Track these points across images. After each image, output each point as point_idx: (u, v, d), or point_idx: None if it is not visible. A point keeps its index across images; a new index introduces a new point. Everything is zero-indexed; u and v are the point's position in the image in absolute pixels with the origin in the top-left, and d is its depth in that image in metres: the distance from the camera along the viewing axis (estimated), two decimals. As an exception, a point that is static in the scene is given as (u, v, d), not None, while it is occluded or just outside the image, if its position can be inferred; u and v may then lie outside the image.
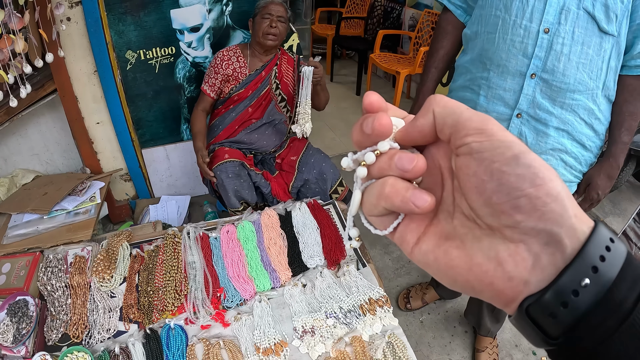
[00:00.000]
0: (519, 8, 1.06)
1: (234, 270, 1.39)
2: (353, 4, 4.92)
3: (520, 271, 0.23)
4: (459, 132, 0.24)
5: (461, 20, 1.31)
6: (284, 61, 1.97)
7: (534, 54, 1.07)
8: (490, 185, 0.23)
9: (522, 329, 0.25)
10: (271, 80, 1.92)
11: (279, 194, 1.81)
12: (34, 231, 1.66)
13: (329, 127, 3.71)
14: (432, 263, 0.27)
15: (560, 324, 0.23)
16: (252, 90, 1.89)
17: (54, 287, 1.34)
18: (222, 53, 1.87)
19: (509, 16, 1.09)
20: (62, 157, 2.16)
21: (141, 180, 2.32)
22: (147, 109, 2.12)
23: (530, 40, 1.07)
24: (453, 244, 0.26)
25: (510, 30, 1.09)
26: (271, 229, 1.53)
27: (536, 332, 0.24)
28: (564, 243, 0.23)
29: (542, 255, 0.23)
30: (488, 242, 0.25)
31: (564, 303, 0.22)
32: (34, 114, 1.92)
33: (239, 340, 1.21)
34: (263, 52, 1.88)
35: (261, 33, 1.79)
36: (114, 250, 1.46)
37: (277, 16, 1.79)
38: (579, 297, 0.22)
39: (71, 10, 1.73)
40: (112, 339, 1.23)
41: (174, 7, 1.91)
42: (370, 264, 1.45)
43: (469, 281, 0.25)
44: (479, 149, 0.24)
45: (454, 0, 1.30)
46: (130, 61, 1.95)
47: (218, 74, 1.86)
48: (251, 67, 1.90)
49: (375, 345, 1.19)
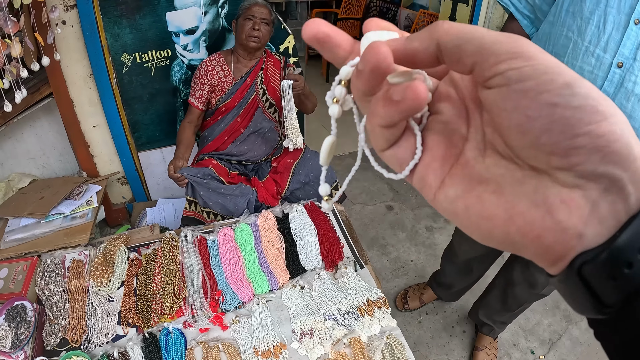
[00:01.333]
0: (594, 34, 0.96)
1: (232, 273, 1.39)
2: (348, 5, 4.92)
3: (574, 221, 0.19)
4: (487, 60, 0.20)
5: (527, 32, 1.22)
6: (270, 64, 1.93)
7: (603, 87, 0.97)
8: (538, 123, 0.19)
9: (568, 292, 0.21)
10: (257, 87, 1.89)
11: (267, 199, 1.78)
12: (31, 236, 1.66)
13: (325, 128, 3.71)
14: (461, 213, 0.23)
15: (620, 289, 0.19)
16: (238, 99, 1.87)
17: (52, 292, 1.34)
18: (206, 63, 1.86)
19: (581, 41, 0.99)
20: (59, 160, 2.16)
21: (138, 183, 2.32)
22: (143, 112, 2.12)
23: (600, 72, 0.97)
24: (488, 189, 0.22)
25: (581, 57, 1.00)
26: (268, 232, 1.53)
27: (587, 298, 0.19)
28: (627, 190, 0.19)
29: (600, 204, 0.19)
30: (533, 185, 0.20)
31: (629, 263, 0.18)
32: (30, 118, 1.91)
33: (238, 343, 1.21)
34: (247, 55, 1.85)
35: (244, 35, 1.77)
36: (111, 254, 1.46)
37: (261, 18, 1.77)
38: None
39: (66, 13, 1.73)
40: (110, 343, 1.23)
41: (169, 10, 1.91)
42: (367, 265, 1.45)
43: (509, 234, 0.21)
44: (519, 78, 0.19)
45: (521, 9, 1.21)
46: (126, 64, 1.95)
47: (204, 84, 1.84)
48: (236, 74, 1.87)
49: (373, 347, 1.20)
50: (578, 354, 1.87)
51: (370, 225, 2.50)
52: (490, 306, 1.70)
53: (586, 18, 0.97)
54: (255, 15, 1.76)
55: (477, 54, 0.20)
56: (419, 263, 2.25)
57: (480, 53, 0.20)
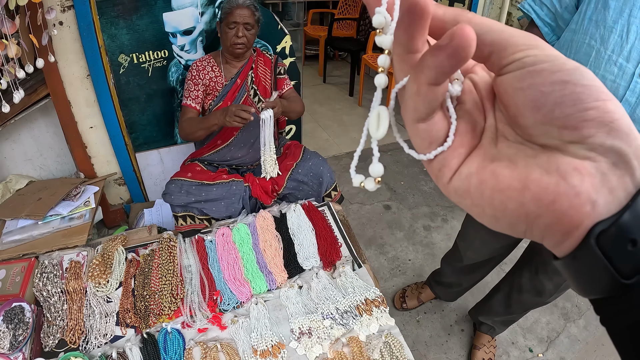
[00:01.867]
0: (617, 43, 0.96)
1: (230, 273, 1.40)
2: (345, 5, 4.93)
3: (587, 186, 0.20)
4: (505, 50, 0.22)
5: (547, 40, 1.20)
6: (260, 63, 1.90)
7: (625, 97, 0.97)
8: (552, 97, 0.20)
9: (584, 268, 0.21)
10: (248, 87, 1.87)
11: (261, 195, 1.77)
12: (28, 237, 1.65)
13: (322, 128, 3.71)
14: (474, 189, 0.23)
15: (638, 257, 0.19)
16: (230, 101, 1.84)
17: (50, 293, 1.34)
18: (196, 64, 1.83)
19: (604, 49, 0.99)
20: (56, 162, 2.15)
21: (135, 184, 2.31)
22: (140, 113, 2.12)
23: (623, 81, 0.97)
24: (501, 164, 0.23)
25: (604, 66, 0.99)
26: (266, 231, 1.53)
27: (604, 270, 0.20)
28: (633, 164, 0.20)
29: (610, 176, 0.20)
30: (546, 157, 0.21)
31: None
32: (27, 119, 1.91)
33: (237, 343, 1.21)
34: (234, 58, 1.83)
35: (229, 43, 1.74)
36: (109, 255, 1.46)
37: (244, 23, 1.71)
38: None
39: (63, 14, 1.72)
40: (109, 344, 1.22)
41: (166, 10, 1.91)
42: (365, 264, 1.46)
43: (524, 205, 0.21)
44: (534, 62, 0.21)
45: (543, 16, 1.20)
46: (123, 65, 1.95)
47: (198, 85, 1.81)
48: (226, 75, 1.85)
49: (372, 346, 1.20)
50: (576, 351, 1.88)
51: (368, 224, 2.51)
52: (492, 310, 1.71)
53: (609, 27, 0.97)
54: (238, 20, 1.70)
55: (495, 44, 0.22)
56: (416, 262, 2.26)
57: (499, 43, 0.22)
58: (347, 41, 4.55)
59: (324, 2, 5.39)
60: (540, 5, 1.20)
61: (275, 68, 1.93)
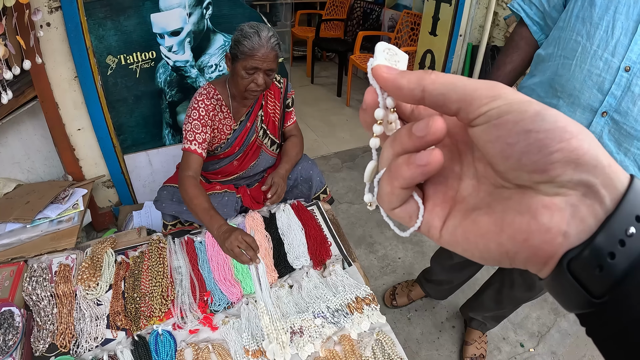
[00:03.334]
0: (602, 39, 0.99)
1: (220, 273, 1.40)
2: (332, 6, 4.94)
3: (557, 221, 0.22)
4: (471, 105, 0.23)
5: (535, 38, 1.25)
6: (269, 99, 1.67)
7: (610, 91, 1.00)
8: (518, 147, 0.22)
9: (560, 289, 0.23)
10: (257, 128, 1.67)
11: (252, 205, 1.74)
12: (17, 241, 1.64)
13: (310, 128, 3.72)
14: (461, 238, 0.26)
15: (607, 278, 0.21)
16: (238, 146, 1.67)
17: (40, 297, 1.33)
18: (204, 103, 1.53)
19: (590, 45, 1.02)
20: (44, 164, 2.14)
21: (124, 186, 2.30)
22: (128, 115, 2.11)
23: (608, 75, 0.99)
24: (481, 212, 0.25)
25: (589, 61, 1.02)
26: (256, 231, 1.54)
27: (577, 291, 0.22)
28: (601, 194, 0.22)
29: (580, 207, 0.22)
30: (518, 198, 0.23)
31: (611, 254, 0.21)
32: (14, 122, 1.89)
33: (228, 343, 1.21)
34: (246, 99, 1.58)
35: (244, 88, 1.46)
36: (98, 258, 1.45)
37: (266, 70, 1.43)
38: (626, 247, 0.21)
39: (51, 15, 1.71)
40: (100, 347, 1.22)
41: (154, 12, 1.90)
42: (355, 262, 1.47)
43: (503, 245, 0.24)
44: (498, 114, 0.22)
45: (531, 15, 1.23)
46: (111, 66, 1.94)
47: (207, 126, 1.53)
48: (235, 116, 1.61)
49: (364, 343, 1.21)
50: (567, 345, 1.91)
51: (357, 223, 2.52)
52: (483, 306, 1.73)
53: (595, 23, 1.00)
54: (259, 67, 1.40)
55: (461, 101, 0.23)
56: (406, 260, 2.27)
57: (465, 100, 0.23)
58: (334, 42, 4.56)
59: (312, 3, 5.40)
60: (529, 4, 1.23)
61: (285, 99, 1.70)
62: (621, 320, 0.21)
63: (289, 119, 1.79)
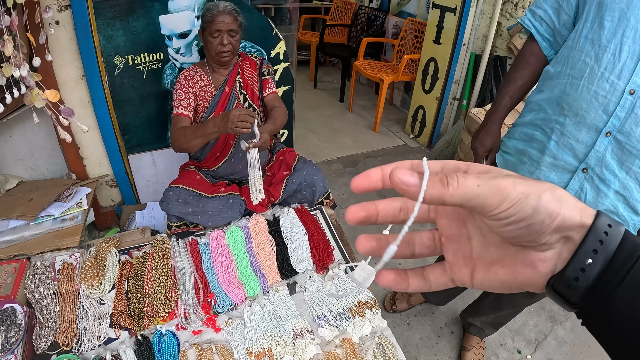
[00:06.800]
0: (610, 61, 1.02)
1: (224, 275, 1.40)
2: (337, 12, 4.97)
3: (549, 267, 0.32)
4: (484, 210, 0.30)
5: (545, 54, 1.28)
6: (246, 67, 1.86)
7: (614, 112, 1.03)
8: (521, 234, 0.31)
9: (552, 299, 0.33)
10: (237, 93, 1.83)
11: (256, 208, 1.76)
12: (19, 238, 1.64)
13: (313, 133, 3.74)
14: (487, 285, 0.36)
15: (577, 292, 0.31)
16: (221, 110, 1.81)
17: (42, 295, 1.33)
18: (184, 74, 1.78)
19: (598, 67, 1.05)
20: (47, 162, 2.14)
21: (127, 186, 2.31)
22: (134, 115, 2.11)
23: (613, 97, 1.03)
24: (498, 266, 0.35)
25: (596, 82, 1.05)
26: (260, 234, 1.55)
27: (562, 301, 0.32)
28: (574, 237, 0.31)
29: (563, 251, 0.31)
30: (522, 255, 0.33)
31: (576, 278, 0.30)
32: (19, 119, 1.90)
33: (231, 345, 1.22)
34: (221, 66, 1.80)
35: (214, 52, 1.70)
36: (102, 257, 1.46)
37: (228, 30, 1.67)
38: (586, 273, 0.30)
39: (60, 13, 1.72)
40: (102, 346, 1.22)
41: (163, 13, 1.92)
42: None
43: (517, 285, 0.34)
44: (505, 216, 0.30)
45: (542, 32, 1.26)
46: (118, 66, 1.95)
47: (188, 92, 1.76)
48: (215, 84, 1.81)
49: (365, 347, 1.22)
50: (563, 353, 1.93)
51: (358, 228, 2.52)
52: (483, 311, 1.74)
53: (604, 46, 1.03)
54: (221, 28, 1.66)
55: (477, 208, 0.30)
56: (406, 266, 2.26)
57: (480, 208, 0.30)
58: (338, 47, 4.59)
59: (316, 8, 5.43)
60: (539, 21, 1.26)
61: (261, 69, 1.89)
62: (593, 317, 0.31)
63: (267, 88, 1.92)
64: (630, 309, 0.29)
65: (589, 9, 1.08)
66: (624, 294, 0.29)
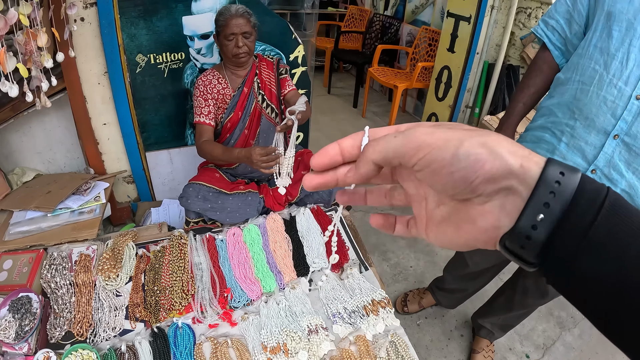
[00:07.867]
0: (618, 69, 1.08)
1: (241, 271, 1.41)
2: (352, 19, 5.01)
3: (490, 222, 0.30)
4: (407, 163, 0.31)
5: (557, 62, 1.33)
6: (263, 68, 1.86)
7: (622, 116, 1.08)
8: (449, 183, 0.30)
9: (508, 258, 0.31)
10: (256, 94, 1.83)
11: (274, 206, 1.77)
12: (36, 229, 1.66)
13: (326, 137, 3.75)
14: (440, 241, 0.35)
15: (531, 251, 0.28)
16: (241, 111, 1.81)
17: (58, 285, 1.34)
18: (202, 79, 1.77)
19: (606, 74, 1.10)
20: (65, 156, 2.17)
21: (144, 183, 2.33)
22: (153, 113, 2.14)
23: (621, 102, 1.08)
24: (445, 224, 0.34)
25: (605, 88, 1.11)
26: (276, 233, 1.56)
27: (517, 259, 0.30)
28: (519, 190, 0.28)
29: (506, 204, 0.29)
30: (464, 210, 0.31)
31: (528, 236, 0.28)
32: (39, 112, 1.93)
33: (247, 339, 1.23)
34: (238, 67, 1.79)
35: (230, 54, 1.70)
36: (119, 250, 1.47)
37: (242, 33, 1.67)
38: (538, 230, 0.27)
39: (85, 10, 1.76)
40: (118, 337, 1.23)
41: (186, 14, 1.94)
42: (372, 267, 1.48)
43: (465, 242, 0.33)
44: (426, 164, 0.30)
45: (554, 41, 1.31)
46: (140, 64, 1.98)
47: (208, 99, 1.76)
48: (232, 86, 1.81)
49: (378, 345, 1.22)
50: (571, 358, 1.93)
51: (371, 231, 2.53)
52: (494, 312, 1.75)
53: (612, 54, 1.09)
54: (235, 32, 1.66)
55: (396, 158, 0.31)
56: (418, 269, 2.29)
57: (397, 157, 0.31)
58: (352, 54, 4.62)
59: (331, 15, 5.47)
60: (552, 30, 1.30)
61: (278, 69, 1.90)
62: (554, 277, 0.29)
63: (287, 85, 1.92)
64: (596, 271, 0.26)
65: (599, 19, 1.13)
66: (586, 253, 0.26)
